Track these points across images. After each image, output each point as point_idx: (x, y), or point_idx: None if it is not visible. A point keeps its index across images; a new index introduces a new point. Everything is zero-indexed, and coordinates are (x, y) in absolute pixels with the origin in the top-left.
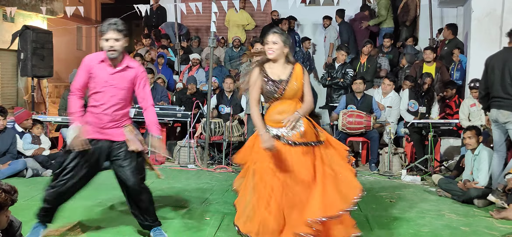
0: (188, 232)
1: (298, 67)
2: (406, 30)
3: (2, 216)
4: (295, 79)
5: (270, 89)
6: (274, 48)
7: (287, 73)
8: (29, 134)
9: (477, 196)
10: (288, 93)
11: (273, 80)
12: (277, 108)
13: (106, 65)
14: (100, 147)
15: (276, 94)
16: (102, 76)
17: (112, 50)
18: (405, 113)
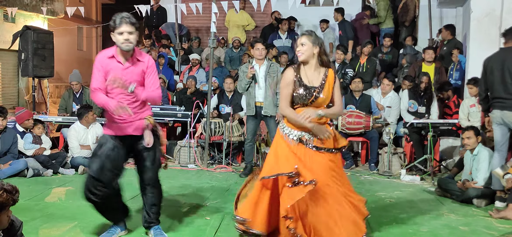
0: (188, 232)
1: (331, 74)
2: (406, 31)
3: (4, 216)
4: (327, 88)
5: (302, 95)
6: (303, 50)
7: (320, 79)
8: (30, 134)
9: (476, 196)
10: (318, 101)
11: (305, 86)
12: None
13: (116, 60)
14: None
15: (307, 101)
16: (115, 71)
17: (127, 42)
18: (405, 114)
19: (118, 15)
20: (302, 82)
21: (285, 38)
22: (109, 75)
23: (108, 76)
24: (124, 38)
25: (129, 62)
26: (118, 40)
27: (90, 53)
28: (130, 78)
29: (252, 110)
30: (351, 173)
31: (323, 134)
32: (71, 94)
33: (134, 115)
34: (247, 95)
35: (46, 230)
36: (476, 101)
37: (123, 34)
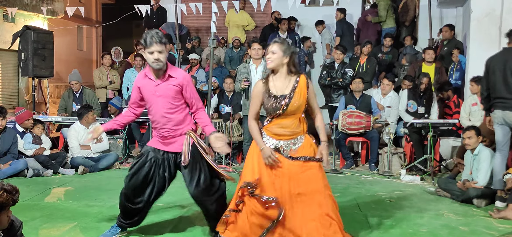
0: (188, 232)
1: (303, 80)
2: (406, 30)
3: (3, 216)
4: (299, 95)
5: (272, 106)
6: (273, 58)
7: (291, 87)
8: (30, 134)
9: (476, 195)
10: (290, 109)
11: (275, 96)
12: (279, 123)
13: (148, 79)
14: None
15: (278, 111)
16: (149, 89)
17: (158, 61)
18: (404, 114)
19: (148, 33)
20: (271, 92)
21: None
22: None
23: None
24: (155, 57)
25: (161, 79)
26: (148, 59)
27: (90, 53)
28: (163, 94)
29: (247, 110)
30: (351, 173)
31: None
32: (71, 94)
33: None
34: (243, 95)
35: (46, 230)
36: (478, 100)
37: (154, 54)
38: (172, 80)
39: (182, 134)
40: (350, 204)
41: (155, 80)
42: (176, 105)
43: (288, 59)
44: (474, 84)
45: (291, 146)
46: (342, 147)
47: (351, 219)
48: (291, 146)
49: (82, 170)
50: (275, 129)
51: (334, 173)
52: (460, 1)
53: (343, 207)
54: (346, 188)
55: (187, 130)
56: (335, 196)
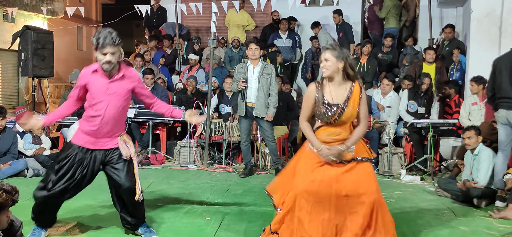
0: (188, 232)
1: (357, 88)
2: (406, 30)
3: (3, 216)
4: (352, 104)
5: (324, 113)
6: (327, 65)
7: (345, 96)
8: (29, 134)
9: (477, 196)
10: (342, 119)
11: (328, 104)
12: (329, 130)
13: (100, 75)
14: (95, 156)
15: (330, 120)
16: (99, 86)
17: (109, 63)
18: (404, 114)
19: (102, 33)
20: (324, 100)
21: (285, 38)
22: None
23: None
24: (107, 59)
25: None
26: (100, 59)
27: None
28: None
29: (242, 110)
30: None
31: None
32: None
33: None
34: (238, 95)
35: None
36: (478, 99)
37: (107, 55)
38: (125, 80)
39: (116, 135)
40: None
41: (107, 78)
42: (125, 104)
43: (343, 64)
44: (474, 84)
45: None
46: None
47: None
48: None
49: None
50: (324, 136)
51: None
52: (460, 1)
53: None
54: None
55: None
56: None
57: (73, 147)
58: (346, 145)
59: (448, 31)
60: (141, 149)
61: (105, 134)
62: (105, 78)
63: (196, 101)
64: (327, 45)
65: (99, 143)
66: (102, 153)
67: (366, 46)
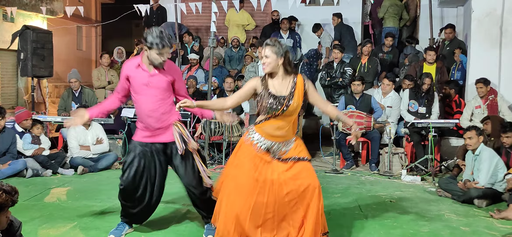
0: (188, 232)
1: (300, 80)
2: (406, 30)
3: (2, 217)
4: (297, 96)
5: (271, 105)
6: (267, 62)
7: (289, 88)
8: (29, 134)
9: (478, 196)
10: (289, 110)
11: (274, 96)
12: (275, 123)
13: (142, 69)
14: (156, 149)
15: (277, 112)
16: (140, 80)
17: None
18: (405, 114)
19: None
20: (270, 92)
21: (286, 38)
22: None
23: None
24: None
25: (154, 71)
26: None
27: (89, 53)
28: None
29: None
30: (352, 173)
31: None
32: (70, 93)
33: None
34: None
35: (45, 230)
36: (481, 102)
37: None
38: (165, 73)
39: (170, 124)
40: (351, 205)
41: (149, 72)
42: (166, 96)
43: (283, 59)
44: (483, 86)
45: (282, 148)
46: (342, 147)
47: (351, 220)
48: (282, 147)
49: (81, 170)
50: (269, 129)
51: (335, 173)
52: (460, 0)
53: (344, 207)
54: (346, 188)
55: (174, 121)
56: (336, 196)
57: (133, 143)
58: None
59: (448, 31)
60: None
61: (155, 127)
62: (146, 72)
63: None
64: (266, 41)
65: (153, 136)
66: (161, 147)
67: (366, 46)
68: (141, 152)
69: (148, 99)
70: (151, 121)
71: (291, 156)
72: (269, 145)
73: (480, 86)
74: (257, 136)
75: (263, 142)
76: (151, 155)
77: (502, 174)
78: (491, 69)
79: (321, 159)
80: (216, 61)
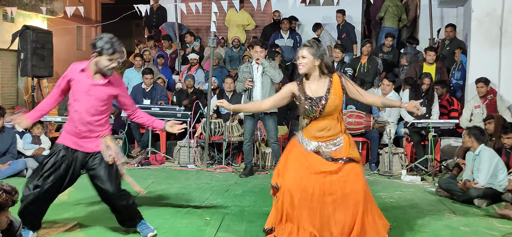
0: (188, 232)
1: (336, 79)
2: (406, 30)
3: (3, 217)
4: (334, 94)
5: (308, 109)
6: (304, 62)
7: (325, 88)
8: (29, 134)
9: (477, 196)
10: (327, 111)
11: (311, 98)
12: (317, 125)
13: (86, 75)
14: (76, 157)
15: (315, 114)
16: (82, 86)
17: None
18: (405, 114)
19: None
20: (307, 95)
21: (287, 38)
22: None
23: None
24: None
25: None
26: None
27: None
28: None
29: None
30: None
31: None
32: None
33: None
34: (244, 95)
35: (45, 230)
36: (480, 102)
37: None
38: (109, 86)
39: (100, 136)
40: None
41: (93, 80)
42: (104, 109)
43: (320, 61)
44: (484, 85)
45: (331, 147)
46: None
47: None
48: (331, 147)
49: None
50: (313, 132)
51: None
52: (460, 0)
53: None
54: None
55: (104, 134)
56: None
57: (57, 145)
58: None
59: (449, 29)
60: (140, 149)
61: (84, 135)
62: (89, 79)
63: (196, 101)
64: (305, 42)
65: (80, 144)
66: (83, 156)
67: (365, 46)
68: (65, 156)
69: (85, 107)
70: (83, 129)
71: (342, 156)
72: (317, 146)
73: (481, 86)
74: (305, 140)
75: (312, 144)
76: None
77: (502, 174)
78: (491, 69)
79: None
80: (216, 61)
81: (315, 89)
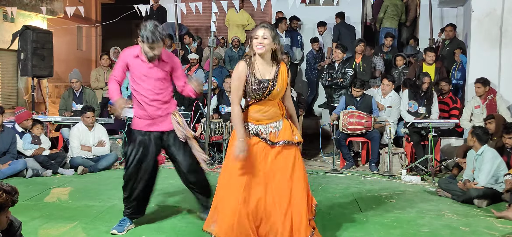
0: (188, 232)
1: (284, 67)
2: (406, 30)
3: (3, 217)
4: (281, 80)
5: (255, 89)
6: (265, 43)
7: (273, 73)
8: (29, 134)
9: (477, 196)
10: (272, 94)
11: (259, 80)
12: (259, 108)
13: (141, 60)
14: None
15: (261, 95)
16: (140, 70)
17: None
18: (405, 114)
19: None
20: (256, 77)
21: (285, 37)
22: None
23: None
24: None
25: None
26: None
27: (89, 53)
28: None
29: None
30: (352, 173)
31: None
32: (71, 93)
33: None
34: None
35: (45, 230)
36: (480, 102)
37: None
38: (163, 64)
39: (169, 113)
40: (351, 204)
41: (148, 63)
42: (165, 86)
43: (277, 46)
44: (481, 86)
45: (271, 130)
46: (342, 147)
47: (351, 219)
48: (270, 129)
49: (81, 170)
50: (254, 114)
51: (335, 173)
52: (460, 0)
53: (344, 207)
54: (346, 188)
55: (173, 110)
56: (336, 196)
57: (133, 132)
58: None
59: (449, 29)
60: None
61: (154, 115)
62: (144, 63)
63: (196, 101)
64: (264, 24)
65: (153, 125)
66: (159, 135)
67: (359, 45)
68: (141, 141)
69: (148, 88)
70: (152, 110)
71: (281, 139)
72: (257, 128)
73: (478, 87)
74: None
75: (251, 127)
76: (150, 143)
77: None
78: (491, 69)
79: (321, 159)
80: (216, 61)
81: (263, 72)
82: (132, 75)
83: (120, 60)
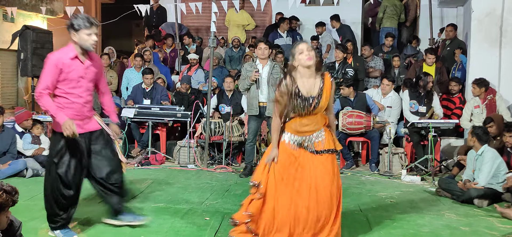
0: (188, 232)
1: (328, 81)
2: (406, 30)
3: (3, 217)
4: (325, 95)
5: (299, 106)
6: (312, 55)
7: (318, 88)
8: (29, 134)
9: (477, 196)
10: (316, 111)
11: (304, 98)
12: (301, 121)
13: (78, 61)
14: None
15: (304, 111)
16: (77, 71)
17: (95, 43)
18: (409, 115)
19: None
20: (300, 93)
21: (286, 37)
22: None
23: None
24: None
25: (87, 61)
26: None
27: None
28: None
29: (256, 110)
30: (352, 173)
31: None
32: None
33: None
34: (248, 95)
35: (45, 230)
36: (480, 102)
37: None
38: (94, 63)
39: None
40: (351, 205)
41: (84, 63)
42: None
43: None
44: (476, 87)
45: (314, 140)
46: (342, 147)
47: (351, 220)
48: (313, 139)
49: None
50: (297, 127)
51: None
52: (460, 0)
53: (344, 207)
54: (346, 188)
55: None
56: None
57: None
58: None
59: (449, 29)
60: (140, 149)
61: (86, 116)
62: (81, 64)
63: (196, 101)
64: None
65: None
66: (88, 135)
67: (348, 44)
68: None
69: (84, 90)
70: (85, 111)
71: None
72: (300, 140)
73: (474, 87)
74: (286, 134)
75: (294, 139)
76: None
77: (503, 175)
78: (490, 69)
79: None
80: (216, 61)
81: (308, 87)
82: (68, 79)
83: (52, 67)
